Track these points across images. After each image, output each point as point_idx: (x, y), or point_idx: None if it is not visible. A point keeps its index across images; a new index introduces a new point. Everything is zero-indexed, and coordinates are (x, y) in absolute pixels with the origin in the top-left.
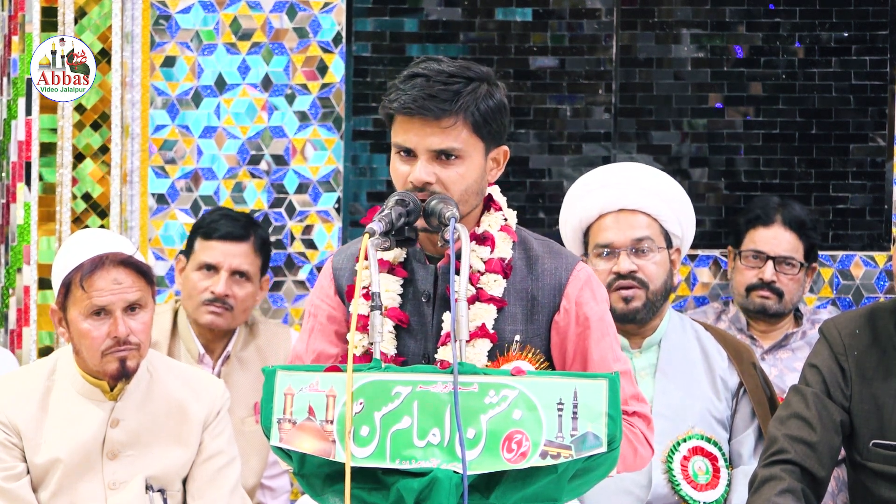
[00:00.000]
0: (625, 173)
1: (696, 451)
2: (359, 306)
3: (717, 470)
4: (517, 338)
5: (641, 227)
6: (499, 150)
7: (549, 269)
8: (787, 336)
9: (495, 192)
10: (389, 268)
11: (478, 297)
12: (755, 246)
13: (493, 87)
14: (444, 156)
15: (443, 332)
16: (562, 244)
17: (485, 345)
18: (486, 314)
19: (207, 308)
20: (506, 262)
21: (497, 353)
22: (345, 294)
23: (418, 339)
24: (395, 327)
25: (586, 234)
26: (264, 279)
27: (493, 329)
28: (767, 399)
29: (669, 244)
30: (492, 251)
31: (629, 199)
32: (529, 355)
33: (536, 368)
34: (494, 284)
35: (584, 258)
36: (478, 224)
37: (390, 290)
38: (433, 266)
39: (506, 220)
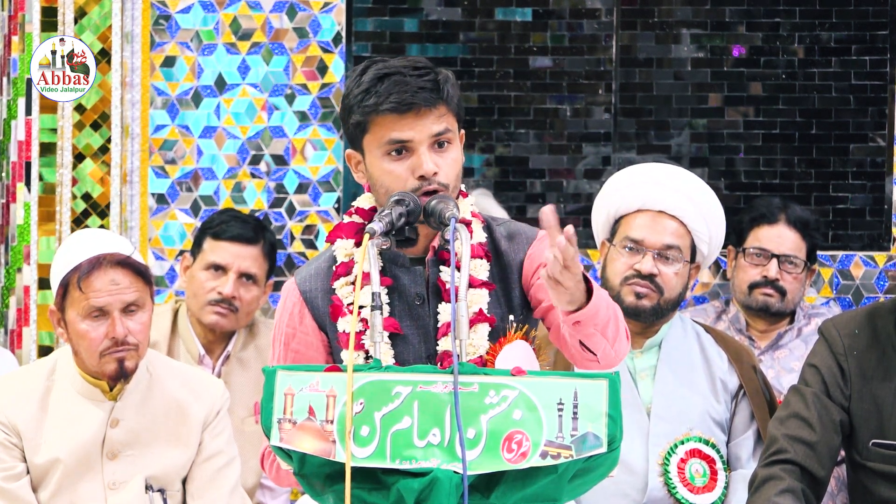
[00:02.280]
0: (681, 179)
1: (694, 453)
2: (353, 324)
3: (714, 473)
4: (511, 318)
5: (675, 234)
6: (461, 133)
7: (512, 250)
8: (780, 335)
9: None
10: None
11: (470, 283)
12: (759, 244)
13: (449, 74)
14: (439, 143)
15: (440, 324)
16: (581, 233)
17: (485, 329)
18: (480, 299)
19: (213, 308)
20: (484, 245)
21: (500, 335)
22: (326, 316)
23: (416, 344)
24: (390, 336)
25: (618, 222)
26: (269, 282)
27: (490, 313)
28: (767, 402)
29: (692, 259)
30: (471, 237)
31: (674, 205)
32: (529, 335)
33: (531, 344)
34: (480, 269)
35: (607, 243)
36: None
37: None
38: (420, 267)
39: (472, 205)
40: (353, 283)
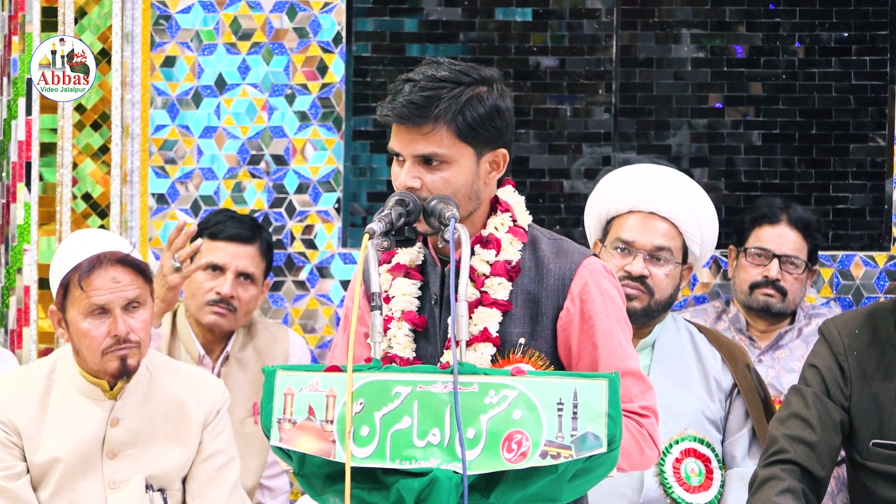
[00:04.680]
0: (672, 180)
1: (689, 452)
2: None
3: (709, 471)
4: (521, 340)
5: (666, 236)
6: (496, 153)
7: (554, 271)
8: (780, 335)
9: (507, 193)
10: (406, 271)
11: (481, 300)
12: (761, 244)
13: (487, 91)
14: (428, 160)
15: (449, 331)
16: (581, 233)
17: (487, 349)
18: (488, 318)
19: (212, 308)
20: (512, 264)
21: (498, 356)
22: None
23: (432, 343)
24: (413, 331)
25: (610, 222)
26: (266, 282)
27: (497, 332)
28: (761, 400)
29: (685, 261)
30: (497, 254)
31: (666, 207)
32: (532, 358)
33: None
34: (499, 287)
35: (599, 243)
36: (483, 226)
37: (407, 293)
38: (441, 268)
39: (514, 221)
40: (391, 273)
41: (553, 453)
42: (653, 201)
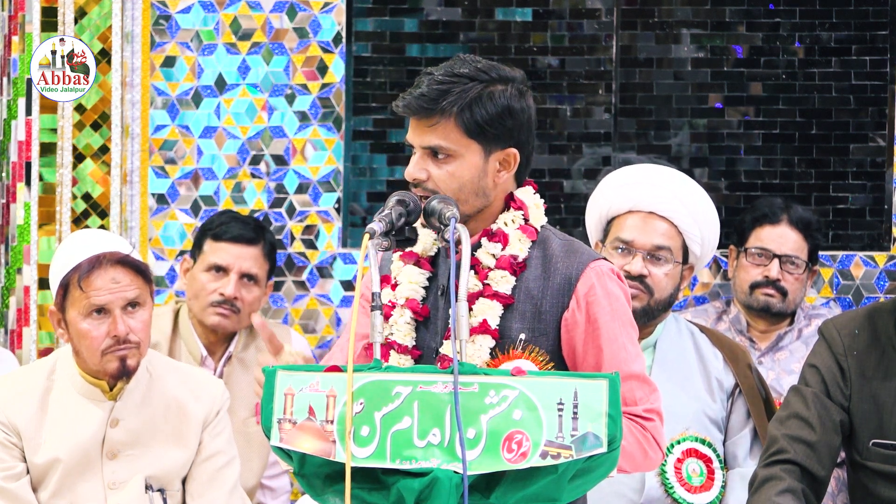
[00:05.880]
0: (671, 180)
1: (690, 452)
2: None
3: (711, 472)
4: (522, 336)
5: (665, 235)
6: (506, 152)
7: (561, 270)
8: (780, 336)
9: (525, 192)
10: (416, 259)
11: (482, 292)
12: (761, 244)
13: (502, 91)
14: (434, 153)
15: (449, 325)
16: (581, 233)
17: (486, 341)
18: (489, 310)
19: (215, 309)
20: (517, 259)
21: (498, 351)
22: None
23: (432, 332)
24: (414, 319)
25: (610, 223)
26: (269, 283)
27: (497, 325)
28: (763, 400)
29: (685, 260)
30: (503, 248)
31: (665, 206)
32: (532, 354)
33: (539, 368)
34: (502, 280)
35: (600, 244)
36: (494, 222)
37: (414, 281)
38: (451, 260)
39: (526, 220)
40: (403, 259)
41: (553, 453)
42: (651, 201)
